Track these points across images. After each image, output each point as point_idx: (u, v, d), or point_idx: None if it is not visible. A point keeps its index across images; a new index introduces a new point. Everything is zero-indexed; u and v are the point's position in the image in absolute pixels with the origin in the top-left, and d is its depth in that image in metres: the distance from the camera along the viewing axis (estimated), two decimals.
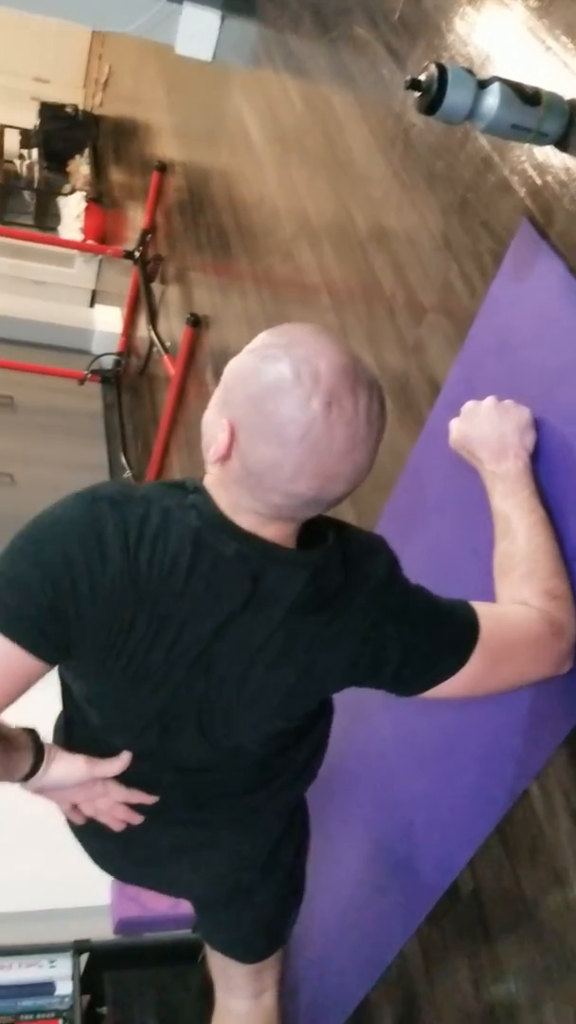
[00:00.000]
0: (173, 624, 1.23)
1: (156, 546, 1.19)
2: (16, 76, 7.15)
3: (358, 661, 1.29)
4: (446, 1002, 1.72)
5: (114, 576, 1.18)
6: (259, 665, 1.29)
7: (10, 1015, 2.42)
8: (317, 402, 1.09)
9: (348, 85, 2.26)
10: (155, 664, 1.26)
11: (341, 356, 1.13)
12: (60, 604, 1.19)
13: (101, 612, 1.20)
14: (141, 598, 1.20)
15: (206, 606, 1.23)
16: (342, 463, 1.13)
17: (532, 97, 1.31)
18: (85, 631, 1.21)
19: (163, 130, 4.62)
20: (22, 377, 4.94)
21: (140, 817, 1.50)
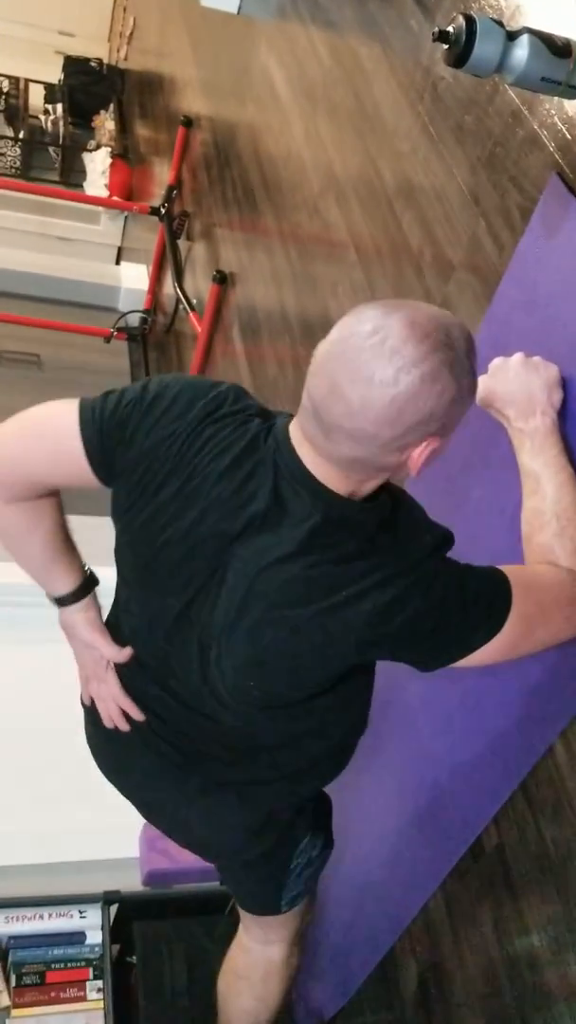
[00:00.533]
0: (196, 504, 1.30)
1: (221, 433, 1.29)
2: (40, 30, 7.08)
3: (373, 631, 1.25)
4: (470, 954, 1.74)
5: (174, 431, 1.31)
6: (263, 600, 1.28)
7: (42, 963, 2.47)
8: (368, 323, 1.13)
9: (376, 37, 2.23)
10: (170, 539, 1.33)
11: (430, 316, 1.15)
12: (129, 420, 1.33)
13: (144, 452, 1.32)
14: (180, 463, 1.30)
15: (231, 504, 1.28)
16: (353, 385, 1.12)
17: (562, 49, 1.28)
18: (127, 463, 1.33)
19: (189, 84, 4.57)
20: (48, 335, 4.94)
21: (126, 726, 1.61)
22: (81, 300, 5.50)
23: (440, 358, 1.12)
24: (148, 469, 1.32)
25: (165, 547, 1.34)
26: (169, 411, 1.32)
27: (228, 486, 1.28)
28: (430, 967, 1.90)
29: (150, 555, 1.37)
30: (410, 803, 2.01)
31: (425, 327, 1.12)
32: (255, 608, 1.29)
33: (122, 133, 6.36)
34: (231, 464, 1.28)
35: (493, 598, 1.27)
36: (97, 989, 2.46)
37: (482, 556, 1.35)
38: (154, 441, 1.31)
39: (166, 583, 1.38)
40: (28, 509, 1.52)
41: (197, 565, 1.33)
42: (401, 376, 1.11)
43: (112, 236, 6.08)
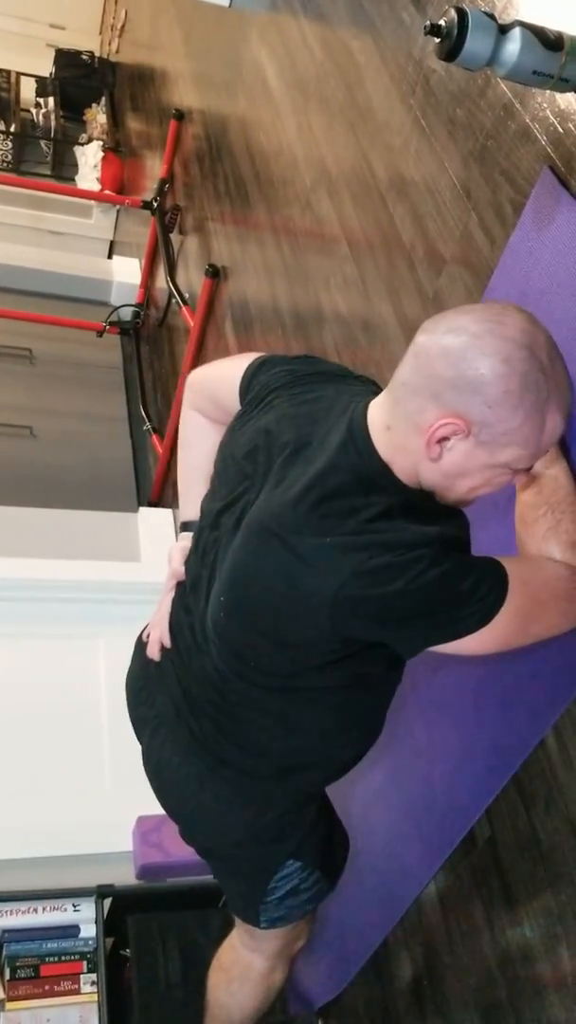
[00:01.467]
0: (271, 415, 1.46)
1: (320, 386, 1.48)
2: (31, 23, 7.05)
3: (349, 588, 1.24)
4: (462, 947, 1.75)
5: (299, 368, 1.54)
6: (268, 536, 1.32)
7: (36, 956, 2.48)
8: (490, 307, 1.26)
9: (367, 30, 2.22)
10: (240, 444, 1.49)
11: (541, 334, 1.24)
12: (275, 362, 1.57)
13: (272, 375, 1.54)
14: (282, 389, 1.50)
15: (291, 425, 1.42)
16: (456, 319, 1.24)
17: (554, 42, 1.28)
18: (257, 383, 1.55)
19: (180, 77, 4.56)
20: (40, 329, 4.93)
21: (157, 654, 1.67)
22: (73, 294, 5.48)
23: (527, 356, 1.19)
24: (262, 388, 1.53)
25: (234, 452, 1.50)
26: (307, 360, 1.59)
27: (300, 412, 1.43)
28: (423, 958, 1.91)
29: (225, 461, 1.55)
30: (402, 795, 2.01)
31: (539, 337, 1.22)
32: (255, 526, 1.35)
33: (114, 127, 6.34)
34: (315, 399, 1.44)
35: (489, 589, 1.27)
36: (91, 982, 2.46)
37: (475, 549, 1.36)
38: (279, 370, 1.54)
39: (218, 491, 1.54)
40: (203, 423, 1.76)
41: (243, 473, 1.45)
42: (490, 336, 1.20)
43: (104, 230, 6.06)
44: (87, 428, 4.60)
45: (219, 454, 1.59)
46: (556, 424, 1.23)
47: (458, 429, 1.21)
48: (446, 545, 1.27)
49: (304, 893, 1.80)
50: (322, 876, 1.81)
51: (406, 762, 1.99)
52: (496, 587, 1.27)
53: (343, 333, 2.33)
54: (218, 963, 2.14)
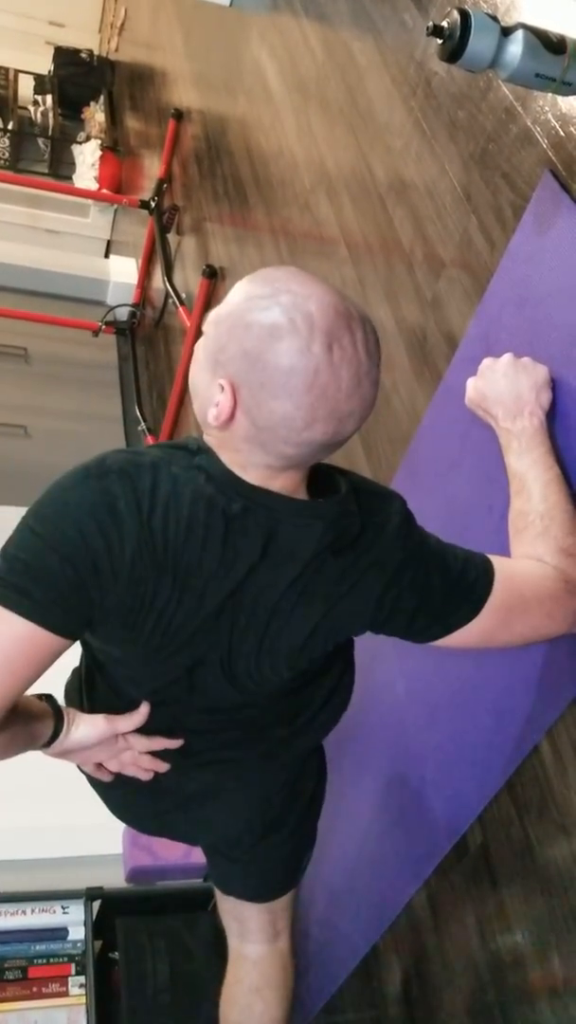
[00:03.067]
0: (195, 587, 1.22)
1: (169, 514, 1.17)
2: (30, 20, 7.03)
3: (378, 607, 1.30)
4: (453, 952, 1.74)
5: (133, 550, 1.17)
6: (281, 613, 1.28)
7: (24, 958, 2.47)
8: (317, 346, 1.08)
9: (369, 31, 2.22)
10: (180, 626, 1.26)
11: (329, 295, 1.12)
12: (82, 584, 1.17)
13: (123, 587, 1.19)
14: (161, 567, 1.19)
15: (225, 566, 1.21)
16: (351, 400, 1.13)
17: (557, 45, 1.27)
18: (108, 607, 1.21)
19: (180, 77, 4.55)
20: (36, 328, 4.92)
21: (166, 765, 1.50)
22: (69, 293, 5.48)
23: (371, 332, 1.16)
24: (135, 592, 1.20)
25: (177, 629, 1.27)
26: (114, 541, 1.17)
27: (214, 554, 1.20)
28: (413, 965, 1.90)
29: (162, 641, 1.28)
30: (395, 800, 2.01)
31: (349, 311, 1.13)
32: (282, 611, 1.29)
33: (112, 125, 6.33)
34: (205, 533, 1.19)
35: (474, 580, 1.30)
36: (79, 985, 2.46)
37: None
38: (128, 566, 1.18)
39: (182, 645, 1.30)
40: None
41: (212, 622, 1.28)
42: (373, 372, 1.15)
43: (101, 229, 6.05)
44: (82, 428, 4.59)
45: (140, 651, 1.31)
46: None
47: None
48: (410, 515, 1.31)
49: (317, 808, 1.84)
50: None
51: (398, 768, 1.99)
52: (482, 574, 1.30)
53: None
54: (248, 992, 1.94)
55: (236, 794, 1.64)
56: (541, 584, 1.32)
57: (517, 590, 1.31)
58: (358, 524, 1.26)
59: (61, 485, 1.21)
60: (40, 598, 1.17)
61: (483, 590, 1.30)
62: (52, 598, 1.17)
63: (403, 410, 1.97)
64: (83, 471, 1.21)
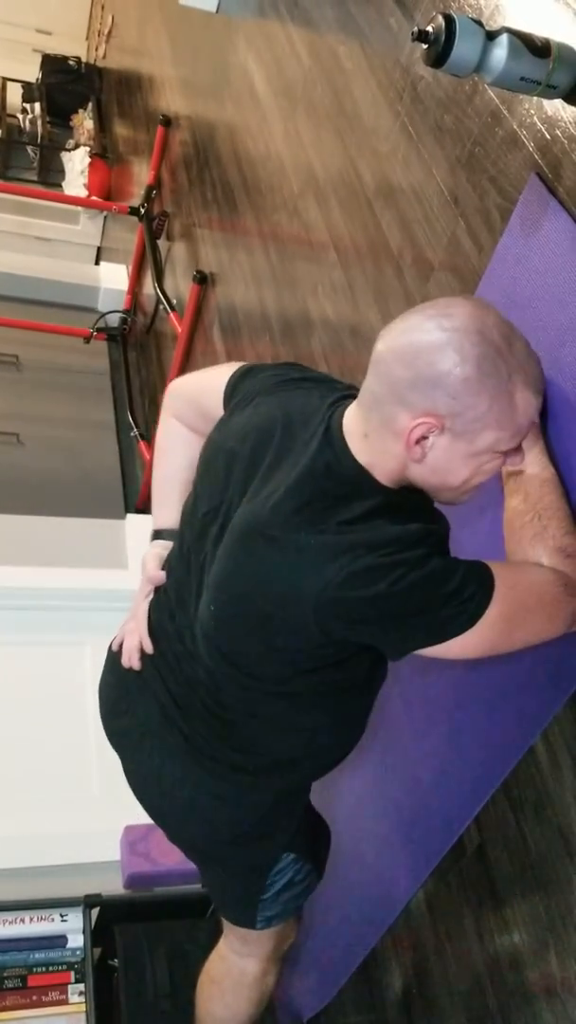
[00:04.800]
0: (250, 424, 1.48)
1: (304, 391, 1.49)
2: (17, 28, 7.03)
3: (334, 591, 1.25)
4: (452, 954, 1.74)
5: (285, 372, 1.56)
6: (247, 527, 1.36)
7: (23, 967, 2.46)
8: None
9: (355, 36, 2.22)
10: (223, 450, 1.50)
11: (500, 321, 1.27)
12: (258, 367, 1.61)
13: (259, 380, 1.56)
14: (263, 392, 1.52)
15: (271, 432, 1.43)
16: (402, 323, 1.28)
17: (542, 48, 1.28)
18: (241, 390, 1.57)
19: (167, 83, 4.56)
20: (27, 335, 4.91)
21: (137, 664, 1.66)
22: (60, 300, 5.47)
23: (478, 340, 1.21)
24: (247, 393, 1.54)
25: (216, 454, 1.52)
26: (292, 366, 1.60)
27: (283, 416, 1.43)
28: (412, 967, 1.90)
29: (207, 463, 1.56)
30: (392, 803, 2.01)
31: (487, 318, 1.23)
32: (240, 530, 1.37)
33: (101, 132, 6.33)
34: (299, 405, 1.44)
35: (474, 591, 1.27)
36: (79, 992, 2.45)
37: (460, 552, 1.35)
38: (264, 375, 1.56)
39: (201, 496, 1.54)
40: (182, 431, 1.76)
41: (225, 478, 1.46)
42: (437, 329, 1.22)
43: (91, 236, 6.05)
44: (74, 435, 4.58)
45: (201, 458, 1.61)
46: (527, 399, 1.27)
47: (432, 427, 1.24)
48: (428, 541, 1.28)
49: (298, 886, 1.82)
50: (313, 867, 1.84)
51: (395, 770, 1.99)
52: (482, 589, 1.27)
53: (331, 339, 2.33)
54: (207, 977, 2.13)
55: (156, 756, 1.67)
56: (543, 590, 1.31)
57: (518, 600, 1.30)
58: (360, 506, 1.29)
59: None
60: (247, 364, 1.63)
61: (482, 603, 1.26)
62: (247, 365, 1.63)
63: None
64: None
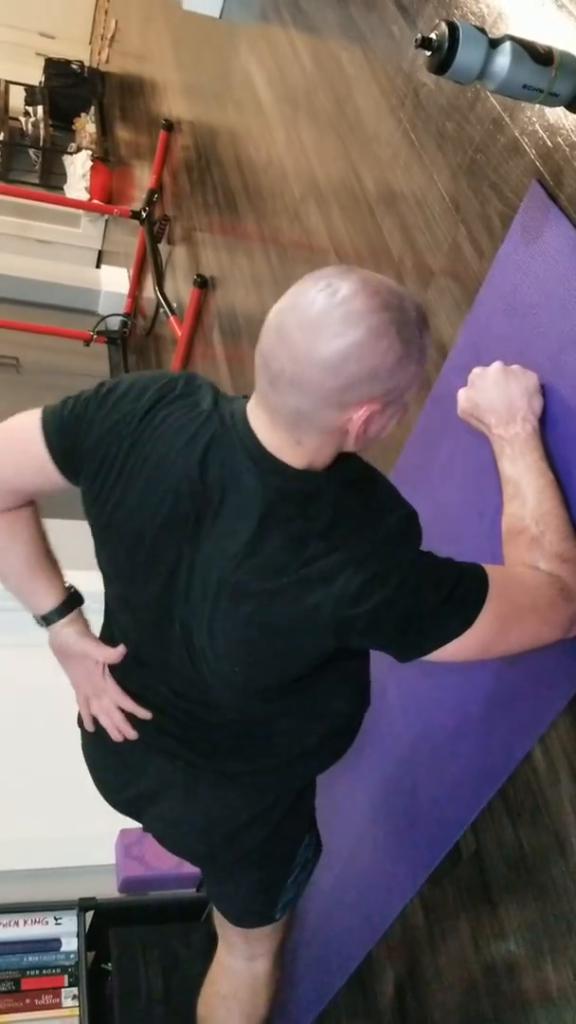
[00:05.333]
0: (157, 490, 1.32)
1: (175, 414, 1.32)
2: (21, 31, 7.06)
3: (344, 611, 1.25)
4: (447, 961, 1.74)
5: (131, 412, 1.34)
6: (236, 575, 1.29)
7: (17, 970, 2.46)
8: (319, 282, 1.17)
9: (358, 43, 2.23)
10: (142, 529, 1.35)
11: (380, 277, 1.19)
12: (86, 413, 1.38)
13: (103, 435, 1.35)
14: (136, 447, 1.33)
15: (189, 484, 1.30)
16: (300, 331, 1.16)
17: (544, 56, 1.28)
18: (87, 450, 1.37)
19: (170, 88, 4.57)
20: (27, 338, 4.92)
21: (133, 733, 1.60)
22: (61, 303, 5.48)
23: (389, 316, 1.15)
24: (106, 455, 1.35)
25: (135, 532, 1.36)
26: (123, 398, 1.37)
27: (186, 465, 1.30)
28: (407, 974, 1.90)
29: (123, 543, 1.39)
30: (388, 808, 2.01)
31: (376, 287, 1.16)
32: (227, 588, 1.30)
33: (103, 136, 6.35)
34: (188, 442, 1.30)
35: (468, 591, 1.27)
36: (72, 996, 2.45)
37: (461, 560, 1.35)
38: (108, 425, 1.35)
39: (142, 569, 1.40)
40: (5, 521, 1.56)
41: (168, 547, 1.35)
42: (349, 326, 1.14)
43: (92, 239, 6.07)
44: None
45: (106, 538, 1.42)
46: (429, 339, 1.24)
47: (374, 410, 1.21)
48: (411, 532, 1.29)
49: (310, 863, 1.84)
50: (316, 836, 1.85)
51: (392, 775, 1.98)
52: (476, 587, 1.27)
53: None
54: (216, 995, 2.06)
55: (182, 802, 1.66)
56: (538, 592, 1.31)
57: (514, 601, 1.29)
58: (324, 511, 1.25)
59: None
60: (57, 409, 1.41)
61: (476, 602, 1.26)
62: (62, 414, 1.40)
63: None
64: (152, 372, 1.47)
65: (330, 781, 1.85)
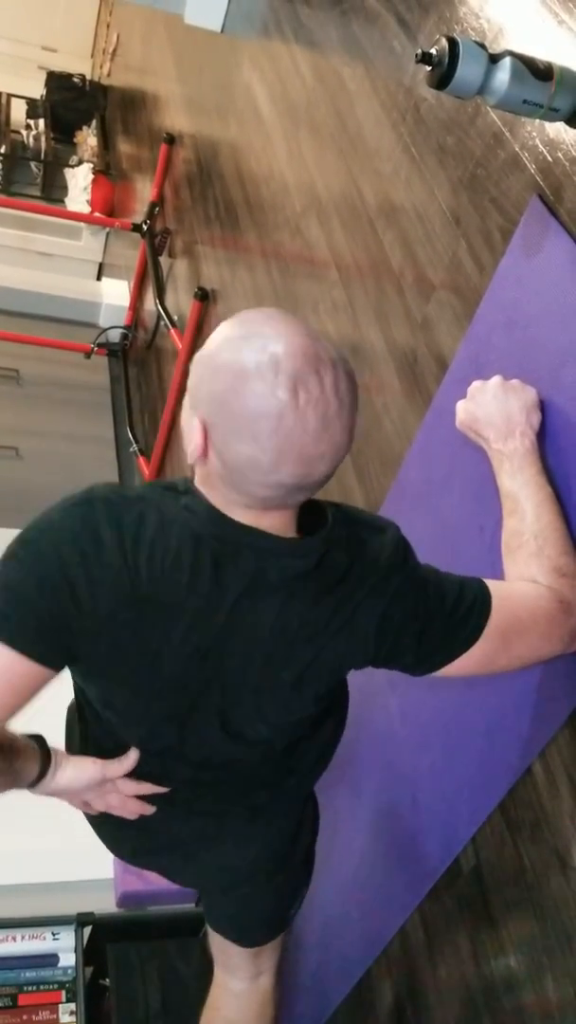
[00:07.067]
0: (180, 622, 1.23)
1: (155, 546, 1.18)
2: (23, 45, 7.09)
3: (379, 637, 1.28)
4: (447, 976, 1.73)
5: (113, 577, 1.17)
6: (272, 655, 1.29)
7: (14, 986, 2.45)
8: (282, 391, 1.06)
9: (359, 58, 2.24)
10: (166, 663, 1.27)
11: (298, 337, 1.09)
12: (60, 610, 1.18)
13: (103, 615, 1.19)
14: (143, 598, 1.19)
15: (213, 603, 1.22)
16: (320, 444, 1.10)
17: (544, 72, 1.29)
18: (89, 635, 1.21)
19: (172, 101, 4.58)
20: (28, 350, 4.93)
21: (152, 808, 1.51)
22: (62, 315, 5.49)
23: (344, 374, 1.12)
24: (116, 624, 1.21)
25: (163, 668, 1.27)
26: (87, 560, 1.17)
27: (201, 590, 1.21)
28: (406, 989, 1.89)
29: (148, 680, 1.29)
30: (388, 823, 2.00)
31: (336, 352, 1.12)
32: (271, 661, 1.30)
33: (104, 149, 6.37)
34: (191, 569, 1.20)
35: (471, 605, 1.29)
36: (70, 1012, 2.43)
37: (461, 574, 1.35)
38: (103, 594, 1.19)
39: (169, 687, 1.31)
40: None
41: (199, 663, 1.29)
42: (346, 418, 1.12)
43: (94, 252, 6.08)
44: (74, 449, 4.59)
45: (124, 686, 1.31)
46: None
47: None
48: (403, 543, 1.30)
49: (310, 864, 1.84)
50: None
51: (392, 790, 1.98)
52: (479, 601, 1.29)
53: None
54: (224, 1020, 2.00)
55: (223, 846, 1.65)
56: (537, 606, 1.31)
57: (514, 614, 1.30)
58: (346, 559, 1.25)
59: (47, 512, 1.21)
60: (17, 623, 1.18)
61: (480, 616, 1.28)
62: (32, 625, 1.18)
63: (394, 432, 1.97)
64: (69, 499, 1.22)
65: (331, 796, 1.84)
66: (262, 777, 1.55)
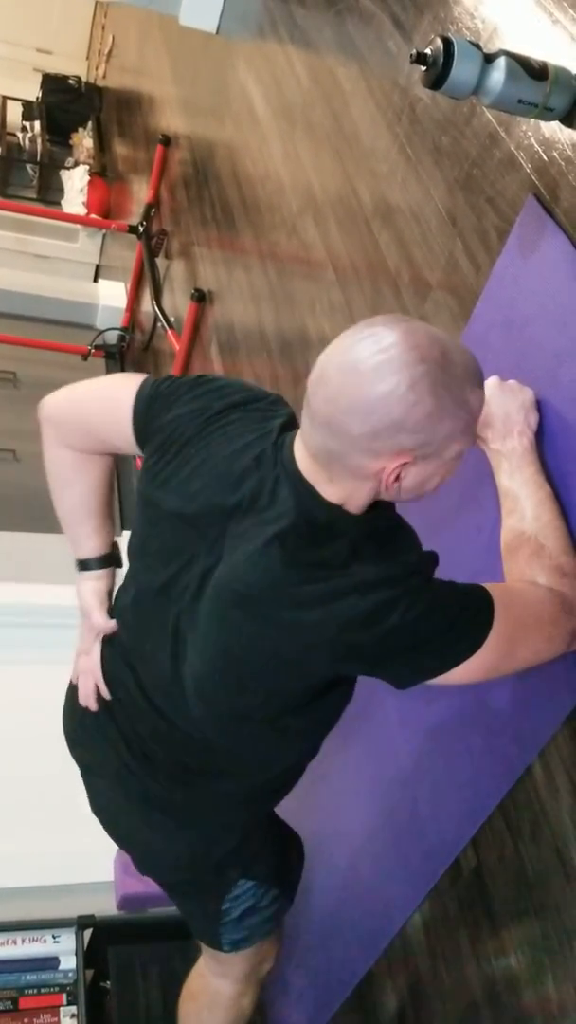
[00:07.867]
0: (199, 480, 1.37)
1: (244, 421, 1.38)
2: (18, 47, 7.08)
3: (350, 635, 1.25)
4: (448, 976, 1.73)
5: (206, 406, 1.41)
6: (232, 592, 1.31)
7: (15, 988, 2.44)
8: (371, 328, 1.17)
9: (354, 58, 2.24)
10: (173, 511, 1.40)
11: (428, 330, 1.19)
12: (174, 393, 1.45)
13: (176, 416, 1.42)
14: (198, 438, 1.39)
15: (226, 485, 1.34)
16: (338, 372, 1.17)
17: (539, 71, 1.29)
18: (159, 424, 1.44)
19: (167, 102, 4.58)
20: (25, 352, 4.92)
21: (95, 705, 1.65)
22: (58, 317, 5.48)
23: (423, 370, 1.14)
24: (171, 435, 1.42)
25: (166, 517, 1.42)
26: (209, 392, 1.43)
27: (230, 467, 1.34)
28: (408, 990, 1.89)
29: (153, 523, 1.45)
30: (387, 823, 2.00)
31: (419, 339, 1.15)
32: (230, 593, 1.31)
33: (100, 151, 6.36)
34: (240, 448, 1.34)
35: (475, 615, 1.27)
36: (71, 1015, 2.43)
37: (460, 575, 1.35)
38: (185, 411, 1.42)
39: (159, 555, 1.44)
40: (77, 458, 1.62)
41: (187, 542, 1.39)
42: (381, 376, 1.14)
43: (90, 254, 6.07)
44: None
45: (142, 516, 1.49)
46: (478, 396, 1.22)
47: (406, 462, 1.20)
48: (421, 566, 1.28)
49: (263, 911, 1.82)
50: (279, 893, 1.84)
51: (391, 792, 1.98)
52: (482, 612, 1.27)
53: None
54: (188, 992, 2.13)
55: (138, 819, 1.69)
56: (540, 609, 1.31)
57: (517, 619, 1.29)
58: (345, 545, 1.25)
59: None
60: (153, 378, 1.50)
61: (483, 625, 1.26)
62: (157, 386, 1.48)
63: None
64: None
65: (330, 796, 1.84)
66: (190, 766, 1.57)
